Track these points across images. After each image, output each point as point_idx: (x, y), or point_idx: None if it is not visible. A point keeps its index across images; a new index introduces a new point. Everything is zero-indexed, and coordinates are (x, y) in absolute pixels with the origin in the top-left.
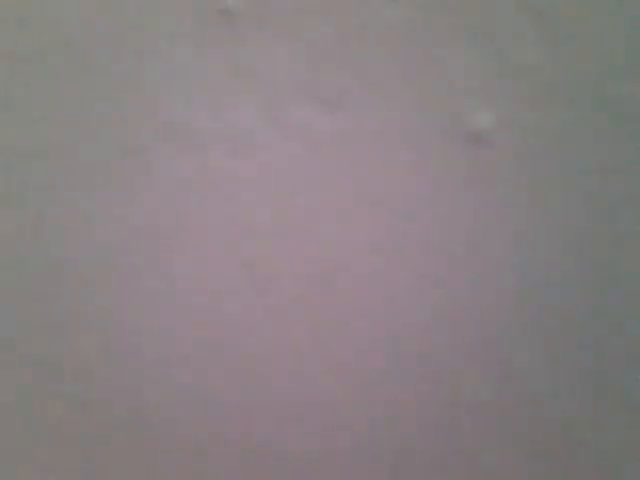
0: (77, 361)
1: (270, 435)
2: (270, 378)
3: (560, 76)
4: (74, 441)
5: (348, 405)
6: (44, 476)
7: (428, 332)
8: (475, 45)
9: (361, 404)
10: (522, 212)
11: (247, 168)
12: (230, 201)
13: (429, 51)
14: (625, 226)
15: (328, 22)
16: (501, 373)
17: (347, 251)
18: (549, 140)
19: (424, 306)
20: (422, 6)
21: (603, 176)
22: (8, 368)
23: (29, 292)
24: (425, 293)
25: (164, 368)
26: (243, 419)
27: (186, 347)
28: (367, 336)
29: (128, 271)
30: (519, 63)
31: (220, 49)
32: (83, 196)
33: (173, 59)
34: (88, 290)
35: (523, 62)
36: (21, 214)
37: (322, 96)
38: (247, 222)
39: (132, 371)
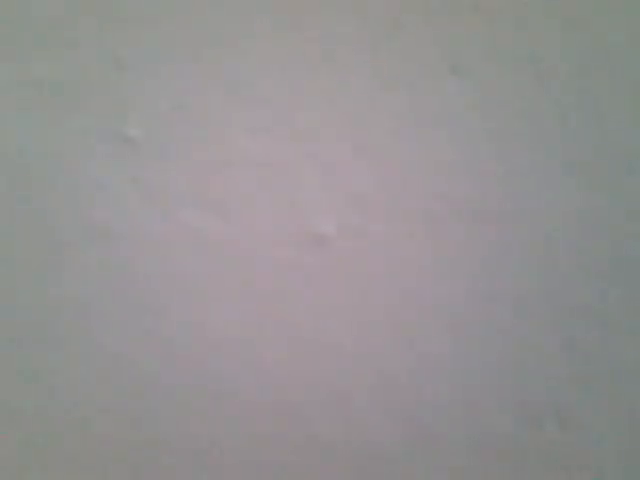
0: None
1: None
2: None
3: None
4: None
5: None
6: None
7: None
8: (320, 169)
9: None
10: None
11: (150, 263)
12: (139, 286)
13: (284, 175)
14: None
15: (204, 149)
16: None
17: (227, 337)
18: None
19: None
20: (278, 138)
21: (423, 275)
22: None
23: None
24: None
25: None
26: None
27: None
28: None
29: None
30: (352, 185)
31: (124, 167)
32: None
33: (87, 175)
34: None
35: (354, 184)
36: None
37: (207, 204)
38: (153, 306)
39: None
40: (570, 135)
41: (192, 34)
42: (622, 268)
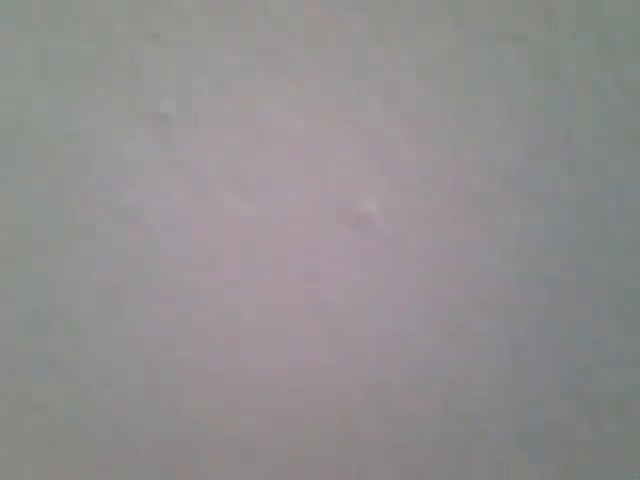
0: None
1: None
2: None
3: (431, 171)
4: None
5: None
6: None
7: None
8: (361, 146)
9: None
10: (405, 293)
11: (184, 244)
12: (172, 271)
13: (324, 151)
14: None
15: (240, 125)
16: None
17: (259, 320)
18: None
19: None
20: (317, 115)
21: (470, 259)
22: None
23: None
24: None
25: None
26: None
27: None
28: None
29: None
30: (396, 161)
31: (158, 145)
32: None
33: (120, 153)
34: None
35: (399, 160)
36: None
37: (241, 184)
38: (190, 289)
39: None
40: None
41: (225, 7)
42: None
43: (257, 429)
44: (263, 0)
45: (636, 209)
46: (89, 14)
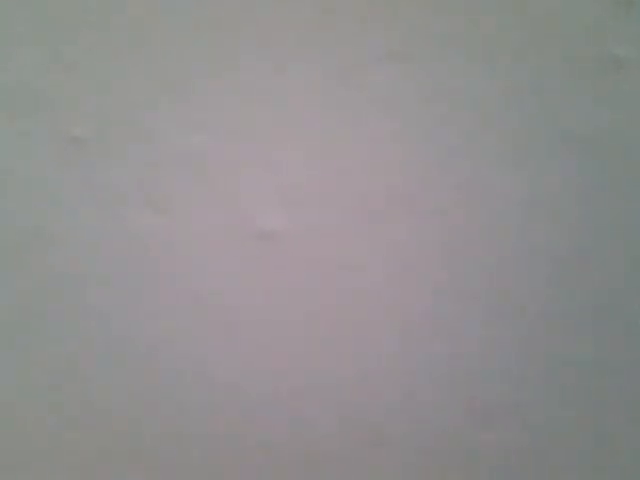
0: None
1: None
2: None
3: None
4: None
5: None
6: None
7: None
8: (261, 163)
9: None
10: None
11: (90, 265)
12: (87, 294)
13: (227, 171)
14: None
15: (147, 147)
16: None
17: (165, 340)
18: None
19: None
20: (215, 134)
21: (374, 270)
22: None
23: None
24: None
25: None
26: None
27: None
28: None
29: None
30: (298, 175)
31: (68, 167)
32: None
33: (30, 176)
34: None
35: (300, 175)
36: None
37: (150, 203)
38: (99, 308)
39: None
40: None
41: (134, 33)
42: None
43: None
44: (172, 33)
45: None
46: (5, 45)
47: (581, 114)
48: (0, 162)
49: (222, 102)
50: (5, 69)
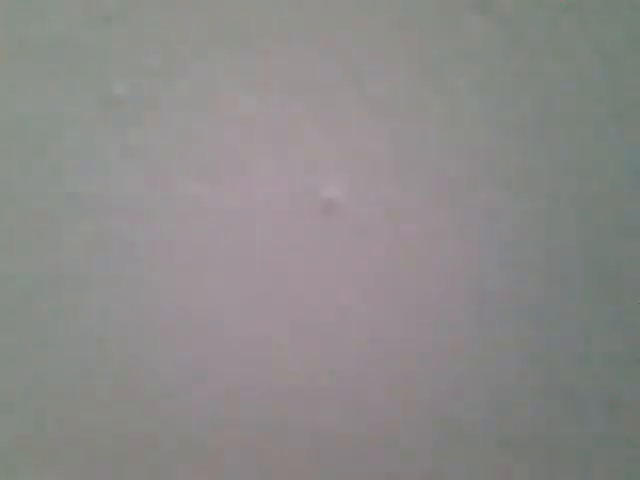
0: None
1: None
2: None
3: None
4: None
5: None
6: None
7: None
8: (324, 126)
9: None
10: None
11: (139, 234)
12: (130, 261)
13: (284, 132)
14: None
15: (197, 107)
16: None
17: (217, 312)
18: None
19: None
20: (278, 94)
21: (438, 241)
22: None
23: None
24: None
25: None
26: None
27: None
28: None
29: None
30: (362, 142)
31: (110, 128)
32: None
33: (72, 137)
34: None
35: (364, 141)
36: None
37: (200, 170)
38: (147, 279)
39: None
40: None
41: None
42: None
43: (215, 420)
44: None
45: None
46: None
47: None
48: (40, 123)
49: (285, 61)
50: (45, 23)
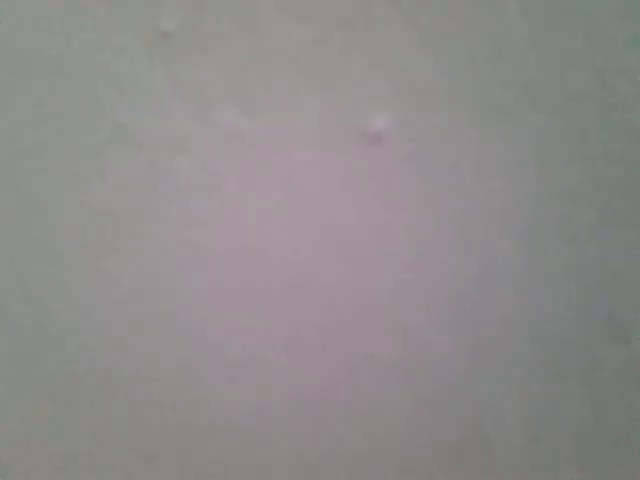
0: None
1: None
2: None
3: (448, 84)
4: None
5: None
6: None
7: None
8: (372, 57)
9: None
10: (419, 207)
11: (186, 166)
12: (175, 194)
13: (331, 64)
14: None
15: (243, 40)
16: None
17: (264, 241)
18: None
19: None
20: (325, 25)
21: (487, 173)
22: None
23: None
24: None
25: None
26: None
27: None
28: None
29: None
30: (409, 72)
31: (158, 63)
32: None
33: (120, 72)
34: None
35: (412, 72)
36: None
37: (243, 102)
38: (194, 213)
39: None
40: None
41: None
42: None
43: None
44: None
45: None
46: None
47: None
48: (89, 57)
49: None
50: None
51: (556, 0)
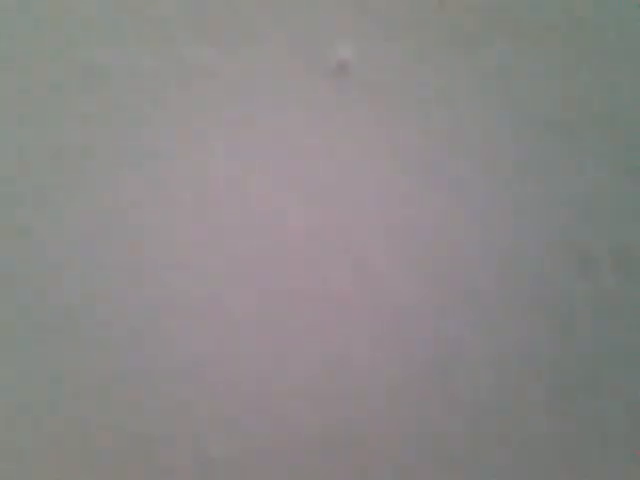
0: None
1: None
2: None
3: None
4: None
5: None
6: None
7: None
8: None
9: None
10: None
11: (147, 102)
12: (139, 131)
13: None
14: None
15: None
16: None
17: (230, 177)
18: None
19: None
20: None
21: (453, 103)
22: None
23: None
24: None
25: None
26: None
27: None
28: None
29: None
30: (378, 7)
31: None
32: None
33: (85, 8)
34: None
35: (381, 7)
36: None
37: (206, 34)
38: (161, 150)
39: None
40: None
41: None
42: None
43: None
44: None
45: None
46: None
47: None
48: None
49: None
50: None
51: None
